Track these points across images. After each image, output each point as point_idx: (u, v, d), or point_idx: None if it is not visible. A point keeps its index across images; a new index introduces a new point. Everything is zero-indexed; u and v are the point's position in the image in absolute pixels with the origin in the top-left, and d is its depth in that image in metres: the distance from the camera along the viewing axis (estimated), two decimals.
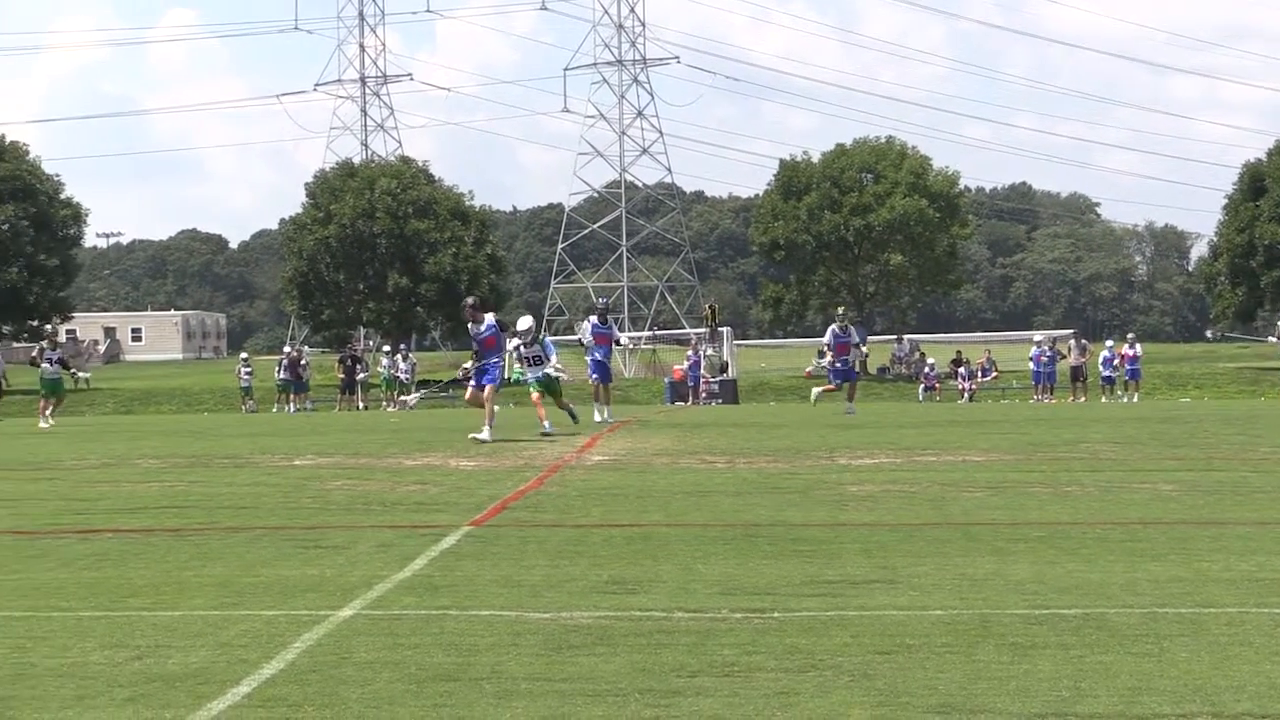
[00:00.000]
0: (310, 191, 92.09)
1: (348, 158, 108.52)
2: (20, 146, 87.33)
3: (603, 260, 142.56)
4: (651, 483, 19.28)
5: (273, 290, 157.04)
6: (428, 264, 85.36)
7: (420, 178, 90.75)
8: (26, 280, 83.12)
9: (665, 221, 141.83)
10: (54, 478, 22.02)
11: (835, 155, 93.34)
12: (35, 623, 9.97)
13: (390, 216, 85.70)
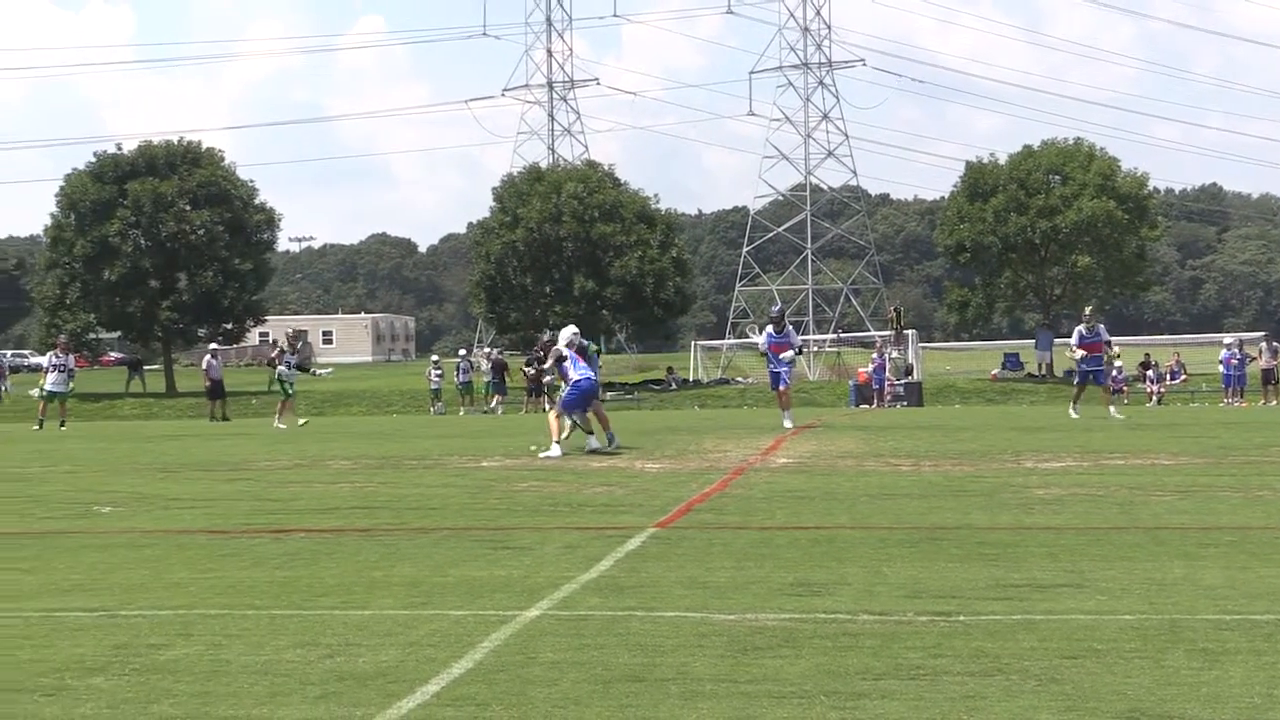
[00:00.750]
0: (498, 196, 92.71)
1: (535, 162, 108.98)
2: (215, 153, 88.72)
3: (787, 263, 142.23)
4: (836, 485, 19.21)
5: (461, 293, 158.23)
6: (613, 267, 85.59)
7: (606, 181, 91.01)
8: (222, 284, 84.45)
9: (850, 224, 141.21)
10: (248, 478, 22.34)
11: (1022, 157, 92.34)
12: (230, 621, 10.12)
13: (576, 220, 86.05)
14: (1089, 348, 38.13)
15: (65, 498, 19.80)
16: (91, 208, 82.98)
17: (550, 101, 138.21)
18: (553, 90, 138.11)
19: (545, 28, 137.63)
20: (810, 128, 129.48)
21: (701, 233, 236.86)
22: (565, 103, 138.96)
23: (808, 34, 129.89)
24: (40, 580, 12.24)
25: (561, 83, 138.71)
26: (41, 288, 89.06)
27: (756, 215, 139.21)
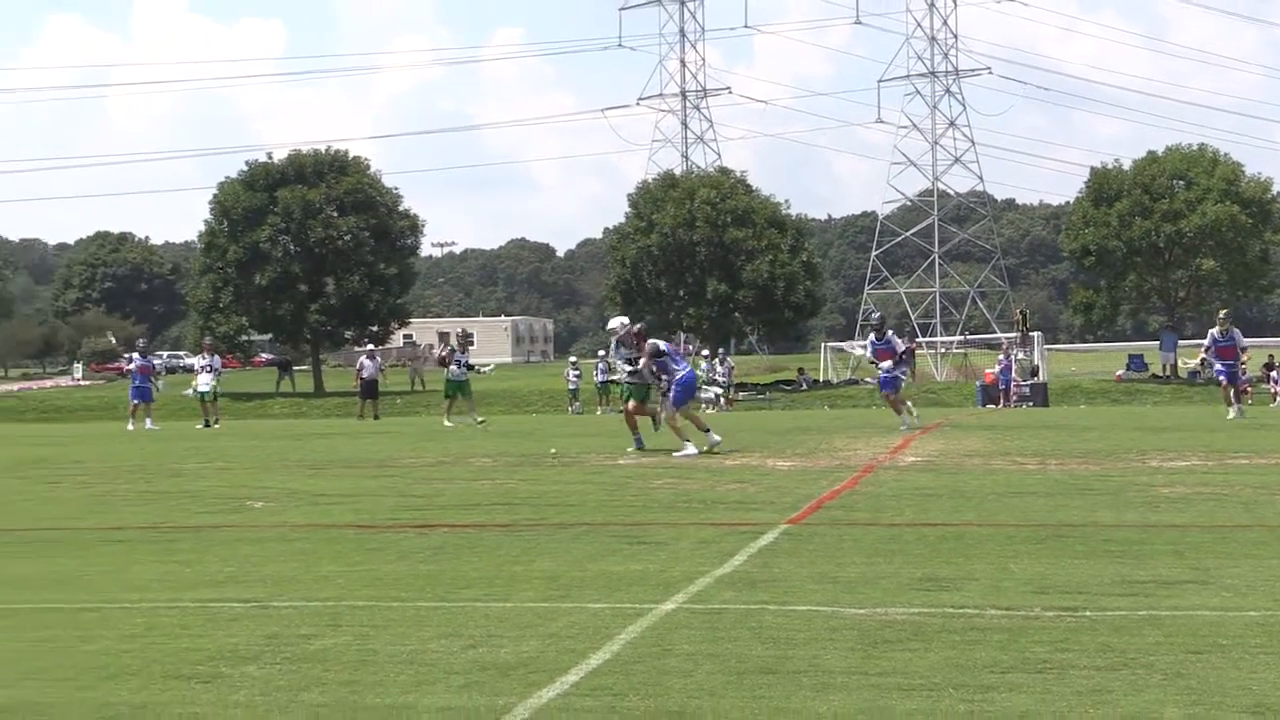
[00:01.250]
0: (633, 202, 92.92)
1: (669, 169, 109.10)
2: (362, 161, 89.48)
3: (915, 266, 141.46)
4: (964, 483, 19.10)
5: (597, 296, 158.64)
6: (745, 271, 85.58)
7: (738, 188, 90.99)
8: (367, 288, 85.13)
9: (977, 229, 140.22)
10: (393, 475, 22.51)
11: (1146, 163, 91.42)
12: (377, 612, 10.20)
13: (709, 225, 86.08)
14: (1224, 352, 37.46)
15: (220, 493, 20.04)
16: (243, 215, 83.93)
17: (684, 110, 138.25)
18: (686, 99, 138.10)
19: (679, 39, 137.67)
20: (937, 135, 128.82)
21: (831, 237, 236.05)
22: (698, 111, 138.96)
23: (935, 43, 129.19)
24: (196, 573, 12.40)
25: (695, 92, 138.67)
26: (196, 291, 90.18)
27: (885, 220, 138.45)
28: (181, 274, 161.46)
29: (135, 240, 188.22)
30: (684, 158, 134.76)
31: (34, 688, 8.07)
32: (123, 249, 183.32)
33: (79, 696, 7.84)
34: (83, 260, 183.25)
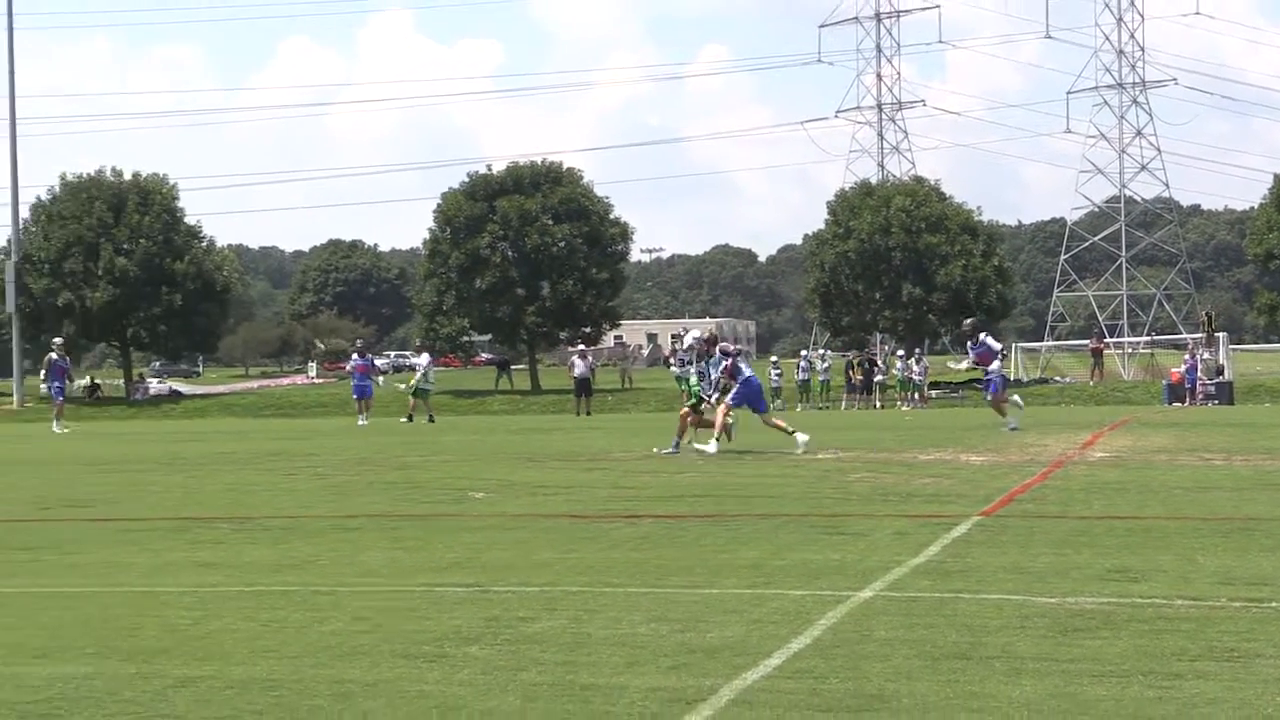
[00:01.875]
0: (831, 209, 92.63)
1: (865, 178, 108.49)
2: (575, 172, 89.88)
3: (1102, 270, 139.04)
4: (1151, 478, 18.80)
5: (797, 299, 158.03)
6: (939, 275, 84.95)
7: (932, 195, 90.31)
8: (580, 291, 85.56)
9: (1163, 233, 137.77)
10: (604, 468, 22.62)
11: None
12: (590, 597, 10.24)
13: (905, 231, 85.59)
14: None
15: (443, 484, 20.26)
16: (465, 223, 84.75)
17: (880, 122, 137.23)
18: (882, 111, 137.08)
19: (875, 54, 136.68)
20: (1124, 143, 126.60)
21: (1021, 242, 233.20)
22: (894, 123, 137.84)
23: (1122, 56, 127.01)
24: (421, 559, 12.54)
25: (890, 104, 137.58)
26: (421, 295, 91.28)
27: (1073, 226, 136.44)
28: (407, 278, 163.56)
29: (365, 247, 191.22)
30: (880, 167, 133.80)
31: (269, 665, 8.21)
32: (353, 255, 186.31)
33: (312, 674, 7.95)
34: (317, 266, 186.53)
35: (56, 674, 8.06)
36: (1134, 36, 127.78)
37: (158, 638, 9.10)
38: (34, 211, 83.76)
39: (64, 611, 10.22)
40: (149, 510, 17.67)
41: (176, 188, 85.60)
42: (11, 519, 17.00)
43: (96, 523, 16.39)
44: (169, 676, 7.93)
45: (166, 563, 12.72)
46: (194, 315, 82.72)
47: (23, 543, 14.50)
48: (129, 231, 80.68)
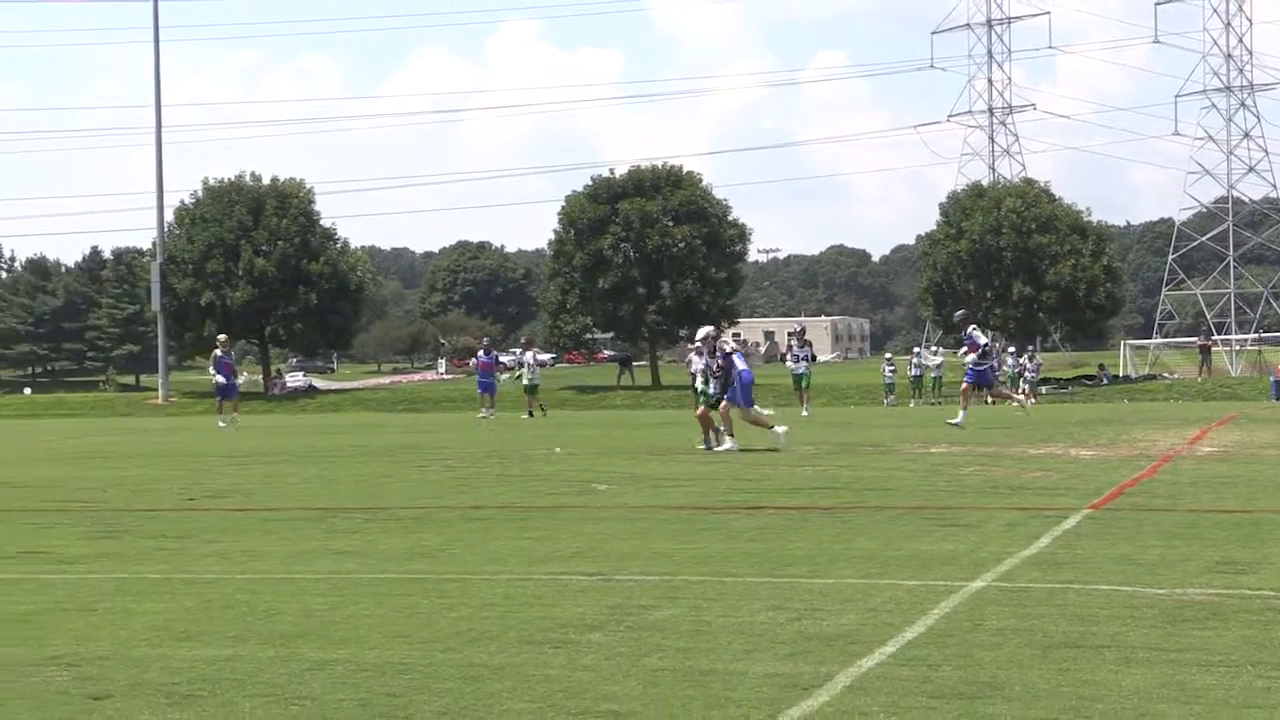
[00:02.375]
0: (944, 210, 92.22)
1: (977, 180, 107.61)
2: (695, 176, 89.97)
3: (1210, 269, 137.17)
4: (1259, 473, 18.54)
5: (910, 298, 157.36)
6: (1049, 274, 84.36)
7: (1042, 197, 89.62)
8: (699, 290, 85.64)
9: (1271, 233, 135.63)
10: (724, 461, 22.59)
11: None
12: (709, 586, 10.24)
13: (1015, 232, 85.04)
14: None
15: (567, 477, 20.32)
16: (588, 224, 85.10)
17: (991, 126, 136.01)
18: (993, 115, 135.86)
19: (986, 59, 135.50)
20: (1232, 145, 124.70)
21: (1129, 242, 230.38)
22: (1004, 126, 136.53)
23: (1230, 60, 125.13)
24: (547, 548, 12.59)
25: (1001, 108, 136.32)
26: (546, 294, 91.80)
27: (1181, 226, 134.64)
28: (532, 278, 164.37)
29: (492, 248, 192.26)
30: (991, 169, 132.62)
31: (401, 649, 8.27)
32: (481, 256, 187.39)
33: (442, 658, 8.01)
34: (446, 266, 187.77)
35: (200, 656, 8.17)
36: (1242, 41, 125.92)
37: (295, 622, 9.20)
38: (178, 215, 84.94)
39: (207, 597, 10.35)
40: (287, 500, 17.86)
41: (313, 191, 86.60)
42: (160, 509, 17.25)
43: (238, 512, 16.59)
44: (306, 659, 8.02)
45: (303, 550, 12.86)
46: (329, 314, 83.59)
47: (171, 531, 14.70)
48: (267, 233, 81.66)
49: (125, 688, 7.47)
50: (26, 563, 12.55)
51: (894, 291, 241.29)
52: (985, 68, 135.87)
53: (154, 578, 11.41)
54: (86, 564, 12.37)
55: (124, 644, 8.63)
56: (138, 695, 7.31)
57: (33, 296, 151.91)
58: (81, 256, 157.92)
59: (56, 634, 9.04)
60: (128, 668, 7.94)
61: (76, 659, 8.19)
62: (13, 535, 14.74)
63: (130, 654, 8.32)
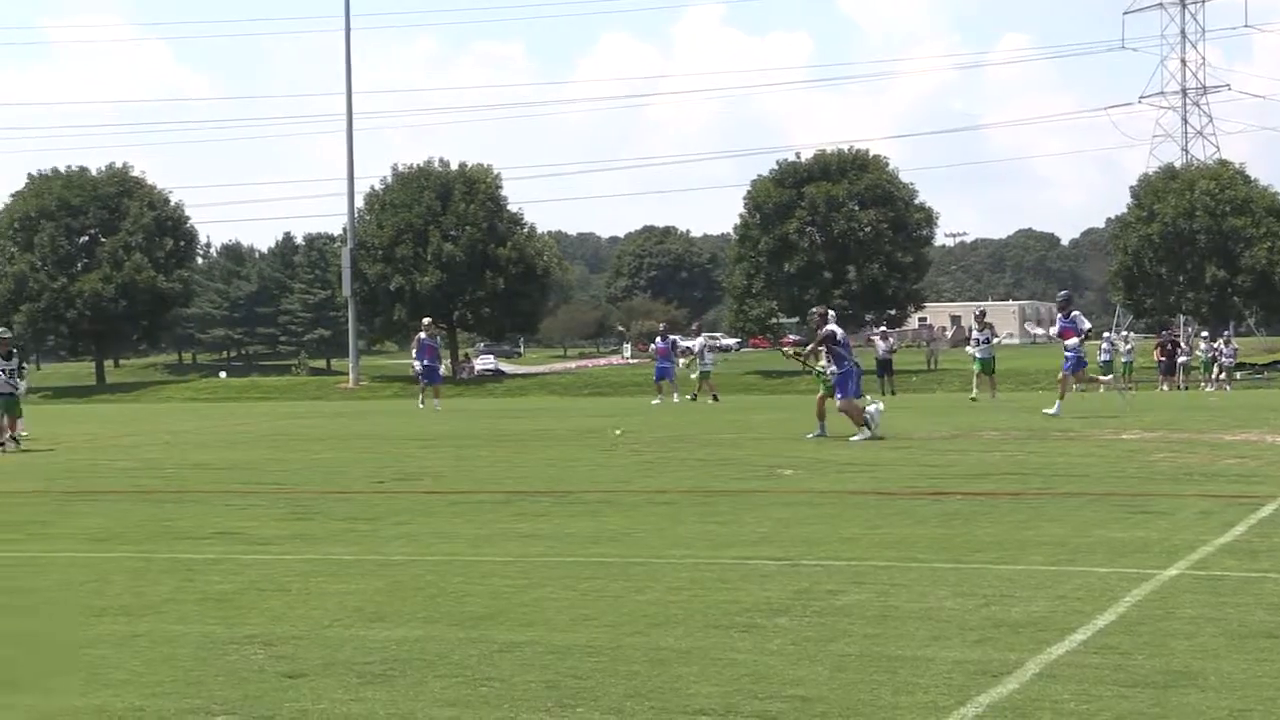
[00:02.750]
0: (1135, 193, 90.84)
1: (1169, 163, 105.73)
2: (881, 160, 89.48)
3: None
4: None
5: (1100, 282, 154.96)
6: (1244, 257, 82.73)
7: (1237, 179, 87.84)
8: (885, 275, 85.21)
9: None
10: (908, 446, 22.43)
11: None
12: (896, 572, 10.18)
13: (1209, 215, 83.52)
14: None
15: (753, 461, 20.30)
16: (774, 209, 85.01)
17: (1184, 107, 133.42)
18: (1186, 96, 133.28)
19: (1179, 39, 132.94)
20: None
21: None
22: (1198, 107, 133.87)
23: None
24: (733, 532, 12.60)
25: (1195, 89, 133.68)
26: (731, 279, 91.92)
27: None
28: (718, 263, 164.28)
29: (677, 233, 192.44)
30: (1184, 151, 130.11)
31: (588, 632, 8.33)
32: (666, 241, 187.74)
33: (629, 641, 8.04)
34: (631, 251, 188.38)
35: (391, 637, 8.29)
36: None
37: (484, 604, 9.30)
38: (368, 201, 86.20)
39: (398, 578, 10.49)
40: (475, 484, 18.05)
41: (500, 177, 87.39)
42: (351, 491, 17.53)
43: (427, 495, 16.80)
44: (495, 641, 8.10)
45: (492, 533, 12.99)
46: (516, 298, 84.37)
47: (362, 514, 14.94)
48: (456, 219, 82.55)
49: (319, 667, 7.61)
50: (223, 543, 12.82)
51: (1083, 275, 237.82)
52: (1179, 47, 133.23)
53: (346, 559, 11.60)
54: (280, 545, 12.62)
55: (317, 624, 8.78)
56: (331, 674, 7.44)
57: (228, 282, 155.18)
58: (274, 242, 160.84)
59: (253, 613, 9.22)
60: (321, 647, 8.08)
61: (272, 638, 8.35)
62: (210, 516, 15.07)
63: (323, 634, 8.47)
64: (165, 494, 17.90)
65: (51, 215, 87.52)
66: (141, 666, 7.72)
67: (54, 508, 16.38)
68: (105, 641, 8.40)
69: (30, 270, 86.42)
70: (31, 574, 11.26)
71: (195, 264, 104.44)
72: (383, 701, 6.88)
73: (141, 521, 14.86)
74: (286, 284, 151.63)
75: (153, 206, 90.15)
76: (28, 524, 14.86)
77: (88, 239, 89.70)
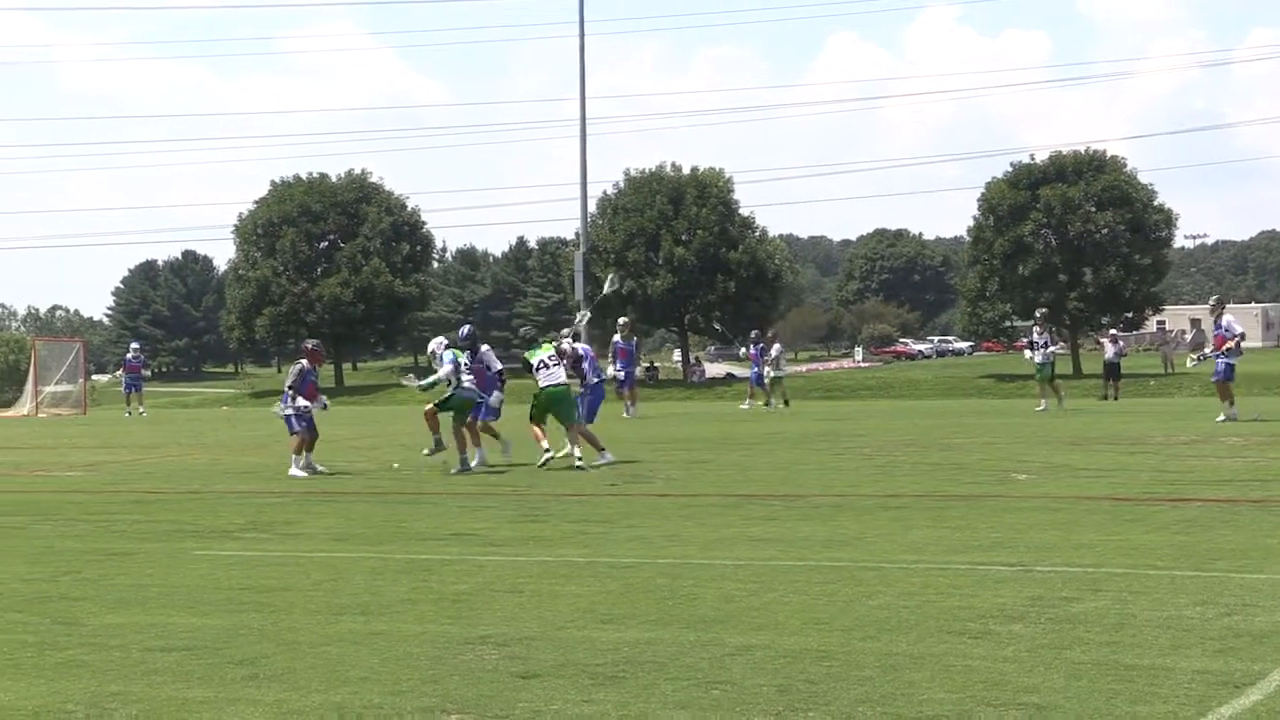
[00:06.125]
0: None
1: None
2: (1119, 160, 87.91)
3: None
4: None
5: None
6: None
7: None
8: (1123, 277, 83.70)
9: None
10: (1146, 452, 22.01)
11: None
12: (1134, 579, 10.01)
13: None
14: None
15: (986, 466, 20.08)
16: (1008, 211, 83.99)
17: None
18: None
19: None
20: None
21: None
22: None
23: None
24: (965, 538, 12.48)
25: None
26: (964, 282, 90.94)
27: None
28: (951, 266, 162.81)
29: (909, 235, 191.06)
30: None
31: (820, 636, 8.31)
32: (898, 244, 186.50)
33: (861, 646, 8.01)
34: (863, 254, 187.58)
35: (623, 638, 8.36)
36: None
37: (715, 607, 9.33)
38: (600, 205, 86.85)
39: (629, 580, 10.57)
40: (705, 487, 18.11)
41: (731, 181, 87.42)
42: (583, 494, 17.69)
43: (658, 498, 16.89)
44: (726, 644, 8.12)
45: (722, 537, 13.03)
46: (747, 302, 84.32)
47: (594, 516, 15.08)
48: (687, 223, 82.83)
49: (552, 667, 7.70)
50: (459, 544, 13.04)
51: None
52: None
53: (578, 561, 11.71)
54: (514, 547, 12.78)
55: (550, 625, 8.89)
56: (563, 675, 7.52)
57: (462, 286, 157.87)
58: (508, 246, 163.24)
59: (486, 614, 9.36)
60: (554, 648, 8.18)
61: (505, 639, 8.47)
62: (446, 518, 15.34)
63: (556, 635, 8.57)
64: (401, 496, 18.25)
65: (293, 221, 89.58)
66: (379, 664, 7.89)
67: (297, 509, 16.79)
68: (344, 639, 8.60)
69: (272, 275, 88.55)
70: (279, 573, 11.55)
71: (431, 268, 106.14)
72: (614, 703, 6.94)
73: (378, 523, 15.18)
74: (520, 288, 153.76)
75: (390, 212, 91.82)
76: (274, 524, 15.26)
77: (327, 244, 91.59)
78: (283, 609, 9.73)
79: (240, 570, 11.68)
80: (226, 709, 7.05)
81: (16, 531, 15.02)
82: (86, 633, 9.08)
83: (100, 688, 7.54)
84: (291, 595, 10.30)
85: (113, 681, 7.68)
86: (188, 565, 12.13)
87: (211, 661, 8.10)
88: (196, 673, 7.84)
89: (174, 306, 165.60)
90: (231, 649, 8.41)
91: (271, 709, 7.03)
